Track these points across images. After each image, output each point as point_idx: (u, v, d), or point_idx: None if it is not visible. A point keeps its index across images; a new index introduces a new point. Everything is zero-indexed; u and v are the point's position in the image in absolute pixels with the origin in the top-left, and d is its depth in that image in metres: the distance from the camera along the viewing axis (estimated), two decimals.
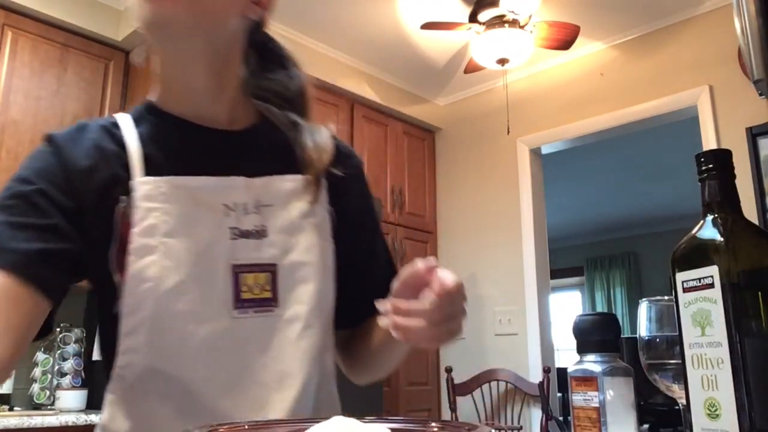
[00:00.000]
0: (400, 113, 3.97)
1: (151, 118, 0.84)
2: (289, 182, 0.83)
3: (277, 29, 3.72)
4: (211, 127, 0.84)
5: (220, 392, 0.74)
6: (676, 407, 0.68)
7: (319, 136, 0.88)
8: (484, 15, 3.02)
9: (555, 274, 4.42)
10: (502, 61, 3.06)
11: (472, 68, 3.37)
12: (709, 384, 0.54)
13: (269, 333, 0.77)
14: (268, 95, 0.93)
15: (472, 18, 3.07)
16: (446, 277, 0.68)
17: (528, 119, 3.76)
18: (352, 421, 0.41)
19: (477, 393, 3.48)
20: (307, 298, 0.79)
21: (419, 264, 0.70)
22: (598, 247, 7.81)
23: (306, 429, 0.40)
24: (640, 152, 5.03)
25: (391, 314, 0.68)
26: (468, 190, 4.00)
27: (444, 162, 4.18)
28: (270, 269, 0.78)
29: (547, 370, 3.30)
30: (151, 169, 0.78)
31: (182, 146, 0.82)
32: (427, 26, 3.04)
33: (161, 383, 0.74)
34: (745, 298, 0.54)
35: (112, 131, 0.82)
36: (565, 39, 3.14)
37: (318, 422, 0.41)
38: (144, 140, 0.81)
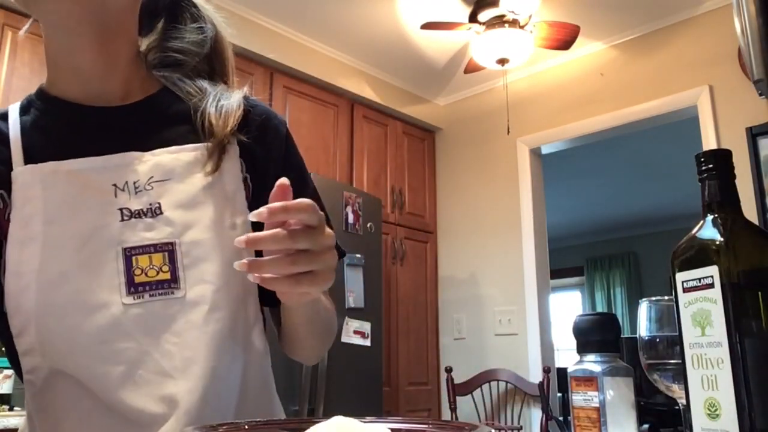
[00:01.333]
0: (400, 113, 3.97)
1: (39, 105, 0.79)
2: (189, 152, 0.76)
3: (277, 29, 3.69)
4: (99, 106, 0.78)
5: (121, 387, 0.68)
6: (676, 407, 0.68)
7: (227, 100, 0.80)
8: (484, 15, 3.02)
9: (555, 274, 4.42)
10: (502, 61, 3.06)
11: (472, 68, 3.37)
12: (709, 384, 0.54)
13: (170, 317, 0.70)
14: (179, 59, 0.85)
15: (472, 18, 3.08)
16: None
17: (528, 119, 3.76)
18: (352, 421, 0.41)
19: (477, 393, 3.48)
20: (212, 277, 0.72)
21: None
22: (598, 247, 7.82)
23: (306, 429, 0.40)
24: (640, 152, 5.03)
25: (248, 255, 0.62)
26: (468, 190, 4.00)
27: (444, 162, 4.18)
28: (166, 248, 0.71)
29: (547, 370, 3.30)
30: (31, 158, 0.73)
31: (67, 130, 0.77)
32: (427, 26, 3.04)
33: (65, 385, 0.69)
34: (745, 298, 0.54)
35: None
36: (565, 39, 3.14)
37: (317, 422, 0.41)
38: (25, 129, 0.76)
